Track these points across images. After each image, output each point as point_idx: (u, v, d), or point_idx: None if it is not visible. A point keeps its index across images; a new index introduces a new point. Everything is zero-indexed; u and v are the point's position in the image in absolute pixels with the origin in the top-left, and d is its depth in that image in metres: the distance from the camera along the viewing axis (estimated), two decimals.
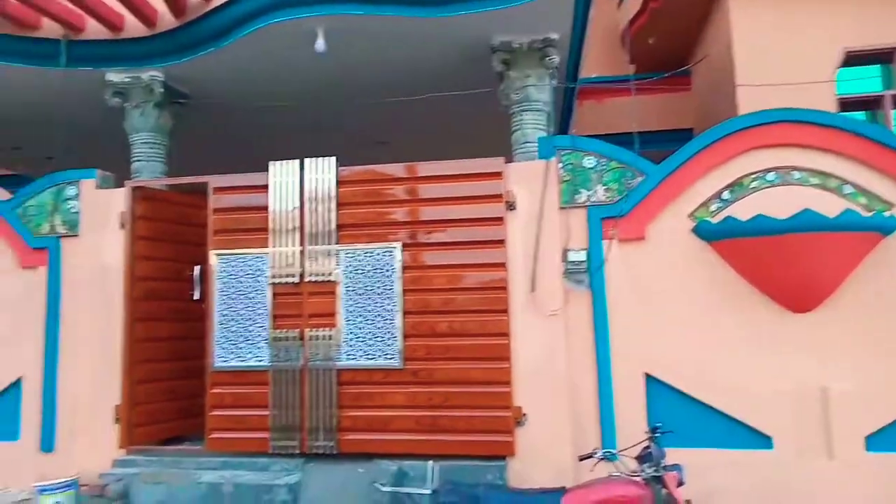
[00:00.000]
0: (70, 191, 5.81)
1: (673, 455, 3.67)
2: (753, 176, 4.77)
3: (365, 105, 6.64)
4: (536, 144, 5.31)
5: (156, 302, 5.75)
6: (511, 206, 5.05)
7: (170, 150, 6.44)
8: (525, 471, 4.71)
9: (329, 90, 6.53)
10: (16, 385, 5.75)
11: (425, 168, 5.22)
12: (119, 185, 5.79)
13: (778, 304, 4.71)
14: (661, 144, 6.58)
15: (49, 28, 5.93)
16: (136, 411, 5.50)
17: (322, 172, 5.30)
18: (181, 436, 5.79)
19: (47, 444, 5.59)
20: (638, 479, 3.55)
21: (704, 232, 4.80)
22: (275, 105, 6.52)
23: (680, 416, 4.66)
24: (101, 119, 6.51)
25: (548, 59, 5.51)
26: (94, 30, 5.91)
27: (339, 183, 5.27)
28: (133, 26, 5.93)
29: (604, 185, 5.01)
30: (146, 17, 5.79)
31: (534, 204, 5.03)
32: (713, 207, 4.82)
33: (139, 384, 5.56)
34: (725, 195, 4.80)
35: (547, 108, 5.59)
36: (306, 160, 5.32)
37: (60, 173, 5.84)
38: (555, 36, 5.49)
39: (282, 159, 5.36)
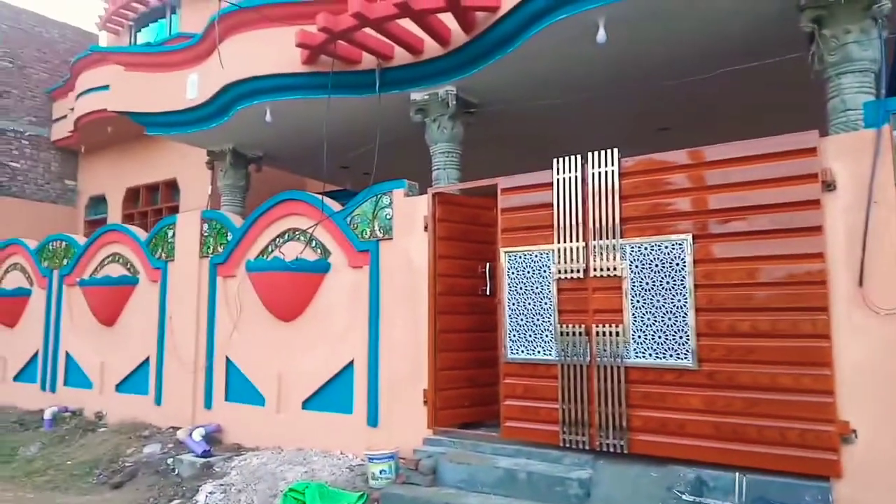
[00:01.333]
0: (385, 200, 6.71)
1: None
2: None
3: (648, 91, 6.35)
4: (860, 112, 4.46)
5: (454, 297, 6.29)
6: (829, 187, 4.31)
7: (462, 157, 7.00)
8: (858, 496, 3.98)
9: (610, 79, 6.41)
10: (349, 367, 6.82)
11: (717, 151, 4.76)
12: (422, 192, 6.50)
13: None
14: None
15: (366, 61, 6.93)
16: (440, 396, 6.08)
17: (604, 165, 5.21)
18: (478, 421, 6.23)
19: (373, 419, 6.53)
20: None
21: None
22: (556, 101, 6.63)
23: None
24: (406, 135, 7.39)
25: (876, 6, 4.56)
26: (400, 56, 6.74)
27: (621, 175, 5.12)
28: (431, 47, 6.61)
29: None
30: (442, 38, 6.39)
31: (860, 182, 4.22)
32: None
33: (442, 371, 6.13)
34: None
35: (874, 66, 4.64)
36: (588, 154, 5.28)
37: (378, 185, 6.77)
38: None
39: (564, 155, 5.41)
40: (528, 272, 5.58)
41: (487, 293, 6.43)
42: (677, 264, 4.83)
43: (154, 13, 13.89)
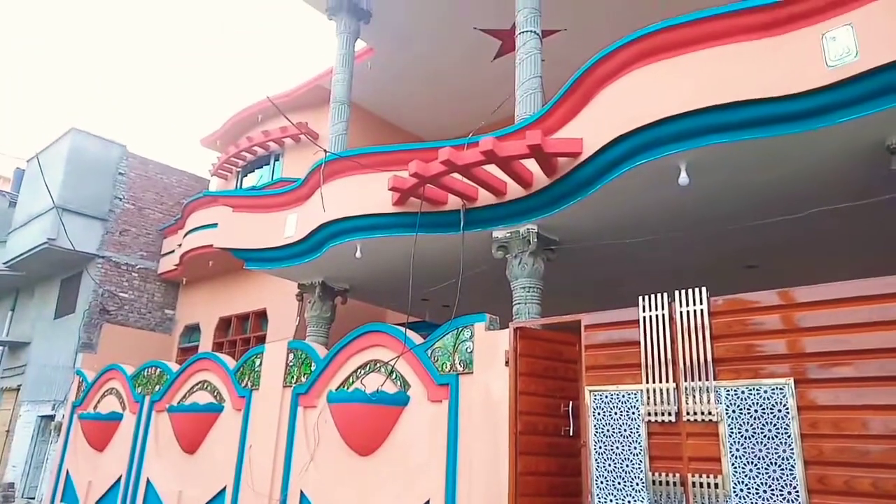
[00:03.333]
0: (466, 333, 6.77)
1: None
2: None
3: (734, 230, 6.33)
4: None
5: (536, 436, 6.06)
6: None
7: (543, 292, 7.06)
8: None
9: (691, 220, 6.46)
10: None
11: (811, 293, 4.59)
12: (503, 327, 6.53)
13: None
14: None
15: (451, 202, 7.34)
16: None
17: (692, 304, 5.11)
18: None
19: None
20: None
21: None
22: (636, 241, 6.70)
23: None
24: (488, 270, 7.58)
25: None
26: (483, 197, 7.11)
27: (711, 314, 5.00)
28: (514, 189, 6.94)
29: None
30: (524, 181, 6.73)
31: None
32: None
33: None
34: None
35: None
36: (676, 292, 5.22)
37: (459, 319, 6.86)
38: None
39: (648, 293, 5.37)
40: (616, 413, 5.35)
41: (570, 433, 6.17)
42: (780, 410, 4.52)
43: (260, 160, 15.44)
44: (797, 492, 4.29)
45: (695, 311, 5.07)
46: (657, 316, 5.27)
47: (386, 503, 6.85)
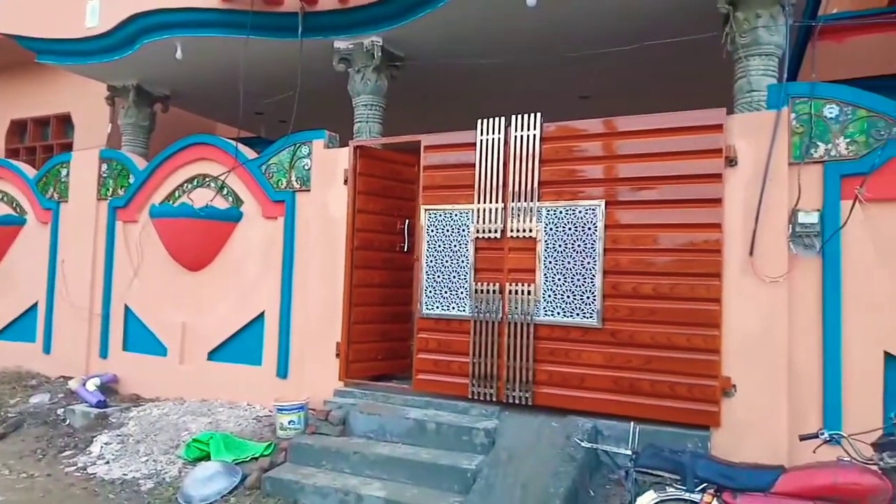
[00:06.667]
0: (304, 150, 6.53)
1: None
2: None
3: (571, 58, 6.49)
4: (764, 93, 4.79)
5: (371, 251, 6.28)
6: (732, 162, 4.64)
7: (386, 111, 6.90)
8: (731, 443, 4.41)
9: (536, 44, 6.48)
10: (260, 319, 6.69)
11: (632, 122, 4.98)
12: (343, 144, 6.37)
13: None
14: None
15: (289, 3, 6.62)
16: (353, 349, 6.10)
17: (526, 129, 5.32)
18: (389, 374, 6.32)
19: (283, 371, 6.46)
20: (874, 467, 3.14)
21: None
22: (482, 62, 6.64)
23: None
24: (328, 84, 7.17)
25: None
26: (325, 1, 6.48)
27: (542, 139, 5.26)
28: None
29: (846, 138, 4.39)
30: None
31: (759, 159, 4.56)
32: None
33: (356, 324, 6.14)
34: None
35: (779, 51, 4.98)
36: (512, 117, 5.37)
37: (297, 135, 6.56)
38: None
39: (489, 116, 5.47)
40: (447, 230, 5.65)
41: (405, 249, 6.46)
42: (590, 228, 5.05)
43: None
44: (594, 296, 4.98)
45: (528, 136, 5.30)
46: (493, 139, 5.43)
47: (220, 315, 6.88)
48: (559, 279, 5.14)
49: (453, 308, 5.56)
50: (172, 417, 6.18)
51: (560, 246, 5.16)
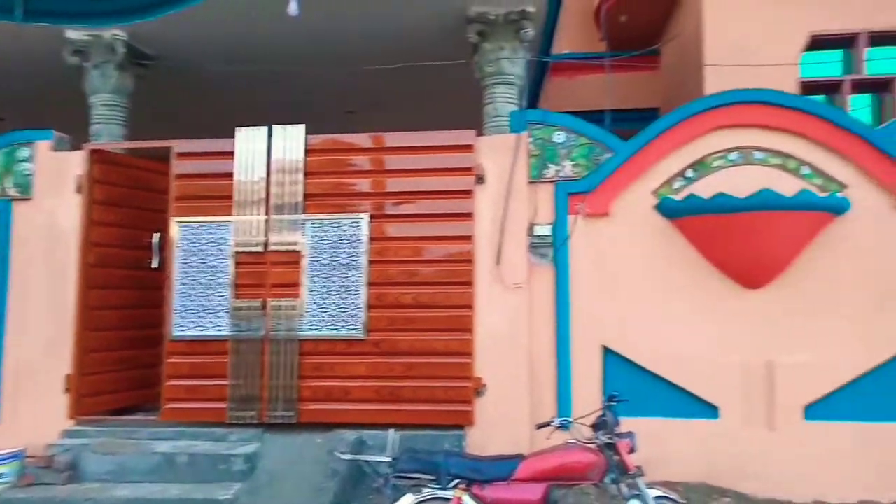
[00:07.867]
0: (24, 152, 5.58)
1: (627, 424, 3.71)
2: (717, 155, 4.87)
3: (336, 74, 6.55)
4: (508, 118, 5.32)
5: (111, 269, 5.57)
6: (480, 180, 5.05)
7: (131, 113, 6.24)
8: (483, 439, 4.74)
9: (299, 56, 6.42)
10: None
11: (395, 139, 5.17)
12: (76, 147, 5.59)
13: (732, 279, 4.84)
14: (629, 122, 6.66)
15: None
16: (86, 381, 5.32)
17: (290, 140, 5.20)
18: (134, 406, 5.64)
19: None
20: (592, 446, 3.58)
21: (667, 209, 4.88)
22: (242, 69, 6.37)
23: (635, 387, 4.78)
24: (58, 78, 6.26)
25: (523, 31, 5.50)
26: None
27: (307, 151, 5.19)
28: None
29: (572, 161, 5.05)
30: None
31: (503, 178, 5.03)
32: (676, 185, 4.91)
33: (91, 353, 5.38)
34: (689, 173, 4.90)
35: (519, 82, 5.59)
36: (274, 127, 5.21)
37: (14, 133, 5.60)
38: (531, 9, 5.50)
39: (249, 126, 5.24)
40: (203, 244, 5.26)
41: (155, 266, 5.85)
42: (355, 241, 5.09)
43: None
44: (360, 308, 5.01)
45: (292, 147, 5.19)
46: (254, 149, 5.22)
47: None
48: (324, 292, 5.08)
49: (209, 328, 5.16)
50: None
51: (325, 259, 5.11)
